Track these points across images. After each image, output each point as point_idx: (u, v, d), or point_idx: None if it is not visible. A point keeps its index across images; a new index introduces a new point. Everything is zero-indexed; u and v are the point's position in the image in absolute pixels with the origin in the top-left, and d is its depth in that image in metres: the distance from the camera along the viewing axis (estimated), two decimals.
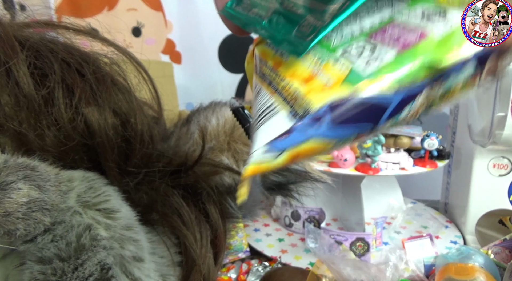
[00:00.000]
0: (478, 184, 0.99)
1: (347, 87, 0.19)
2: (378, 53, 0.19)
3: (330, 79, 0.20)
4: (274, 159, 0.19)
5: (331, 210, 1.09)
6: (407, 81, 0.19)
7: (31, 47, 0.29)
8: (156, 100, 0.36)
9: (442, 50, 0.19)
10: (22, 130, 0.27)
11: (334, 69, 0.20)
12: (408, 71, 0.19)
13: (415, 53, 0.19)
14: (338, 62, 0.20)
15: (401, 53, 0.19)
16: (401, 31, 0.20)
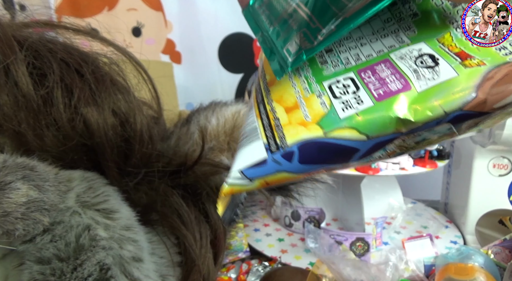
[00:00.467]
0: (478, 184, 0.99)
1: (320, 130, 0.20)
2: (359, 96, 0.20)
3: (309, 116, 0.21)
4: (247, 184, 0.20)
5: (331, 210, 1.09)
6: (379, 131, 0.19)
7: (30, 47, 0.29)
8: (155, 100, 0.36)
9: (417, 107, 0.19)
10: (21, 130, 0.27)
11: (315, 104, 0.21)
12: (381, 121, 0.19)
13: (392, 105, 0.19)
14: (321, 97, 0.21)
15: (379, 102, 0.19)
16: (389, 75, 0.20)
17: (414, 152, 0.20)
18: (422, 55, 0.20)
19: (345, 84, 0.21)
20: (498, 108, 0.18)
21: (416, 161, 0.95)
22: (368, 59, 0.22)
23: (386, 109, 0.19)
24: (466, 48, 0.20)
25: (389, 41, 0.22)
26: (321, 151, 0.20)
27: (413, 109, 0.19)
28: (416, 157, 0.96)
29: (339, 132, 0.19)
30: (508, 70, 0.18)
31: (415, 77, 0.20)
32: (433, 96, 0.19)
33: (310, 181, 0.38)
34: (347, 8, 0.20)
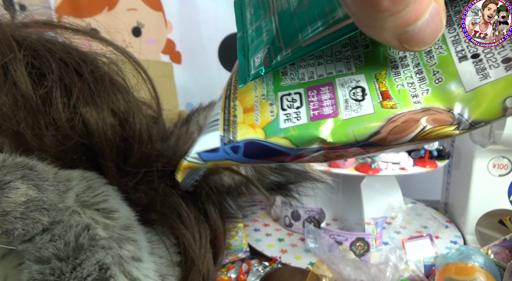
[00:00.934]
0: (478, 184, 0.99)
1: (264, 133, 0.24)
2: (300, 112, 0.24)
3: (259, 120, 0.24)
4: (201, 163, 0.25)
5: (331, 210, 1.09)
6: (306, 144, 0.23)
7: (28, 47, 0.29)
8: (155, 100, 0.36)
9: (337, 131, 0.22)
10: (20, 130, 0.27)
11: (266, 111, 0.25)
12: (309, 137, 0.23)
13: (319, 126, 0.23)
14: (272, 106, 0.25)
15: (312, 121, 0.23)
16: (327, 99, 0.24)
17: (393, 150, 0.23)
18: (357, 87, 0.23)
19: (294, 98, 0.24)
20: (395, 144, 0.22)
21: (416, 161, 0.95)
22: (319, 79, 0.24)
23: (314, 129, 0.23)
24: (390, 89, 0.23)
25: (340, 65, 0.24)
26: (260, 150, 0.24)
27: (333, 133, 0.22)
28: (416, 157, 0.96)
29: (276, 139, 0.23)
30: (408, 117, 0.21)
31: (344, 107, 0.23)
32: (351, 125, 0.22)
33: (310, 181, 0.38)
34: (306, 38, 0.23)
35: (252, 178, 0.34)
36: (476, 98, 0.21)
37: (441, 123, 0.21)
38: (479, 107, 0.21)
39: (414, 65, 0.23)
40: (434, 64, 0.22)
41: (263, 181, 0.35)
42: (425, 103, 0.22)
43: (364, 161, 0.90)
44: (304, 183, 0.37)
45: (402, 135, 0.21)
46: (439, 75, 0.22)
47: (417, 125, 0.21)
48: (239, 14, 0.29)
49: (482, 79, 0.21)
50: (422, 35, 0.19)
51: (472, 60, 0.22)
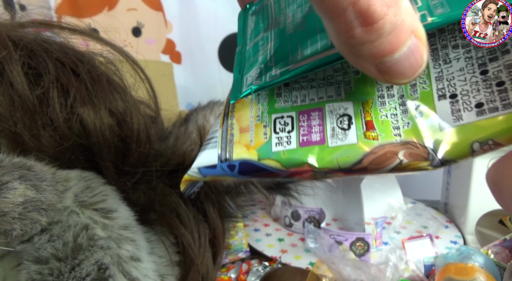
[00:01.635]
0: (478, 184, 0.99)
1: (257, 155, 0.25)
2: (290, 136, 0.25)
3: (253, 141, 0.26)
4: (201, 177, 0.27)
5: (331, 210, 1.09)
6: (295, 167, 0.24)
7: (25, 47, 0.29)
8: (153, 99, 0.36)
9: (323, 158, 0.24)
10: (17, 130, 0.27)
11: (260, 133, 0.26)
12: (297, 162, 0.24)
13: (308, 152, 0.24)
14: (266, 128, 0.26)
15: (301, 147, 0.24)
16: (316, 125, 0.25)
17: None
18: (344, 115, 0.24)
19: (286, 121, 0.26)
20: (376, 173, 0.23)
21: None
22: (310, 103, 0.26)
23: (303, 155, 0.24)
24: (374, 119, 0.23)
25: (331, 90, 0.25)
26: (253, 169, 0.25)
27: (319, 160, 0.24)
28: None
29: (268, 161, 0.25)
30: (387, 150, 0.22)
31: (331, 134, 0.24)
32: (335, 153, 0.23)
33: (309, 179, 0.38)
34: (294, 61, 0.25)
35: None
36: (448, 138, 0.22)
37: (416, 158, 0.22)
38: (450, 147, 0.22)
39: (399, 96, 0.24)
40: (416, 98, 0.23)
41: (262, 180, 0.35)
42: (405, 136, 0.23)
43: None
44: (303, 182, 0.37)
45: (381, 166, 0.22)
46: (420, 109, 0.23)
47: (395, 158, 0.22)
48: (242, 27, 0.31)
49: (455, 120, 0.22)
50: (400, 68, 0.20)
51: (450, 100, 0.22)
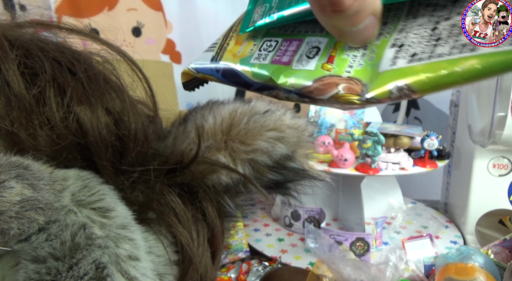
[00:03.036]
0: (478, 184, 0.99)
1: (238, 62, 0.30)
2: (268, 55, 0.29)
3: (241, 52, 0.31)
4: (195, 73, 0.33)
5: (331, 210, 1.09)
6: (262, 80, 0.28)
7: (21, 46, 0.29)
8: (151, 99, 0.36)
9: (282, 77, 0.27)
10: (13, 130, 0.27)
11: (248, 48, 0.31)
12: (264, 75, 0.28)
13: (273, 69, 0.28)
14: (254, 46, 0.31)
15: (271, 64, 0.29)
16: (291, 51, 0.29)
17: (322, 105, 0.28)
18: (315, 47, 0.28)
19: (271, 44, 0.30)
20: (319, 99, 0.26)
21: (416, 161, 0.95)
22: (297, 34, 0.29)
23: (269, 70, 0.28)
24: (337, 56, 0.27)
25: (316, 27, 0.29)
26: (231, 74, 0.30)
27: (279, 77, 0.27)
28: (416, 157, 0.96)
29: (244, 70, 0.29)
30: (333, 80, 0.26)
31: (297, 60, 0.28)
32: (293, 75, 0.27)
33: (309, 179, 0.37)
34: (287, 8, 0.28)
35: (250, 176, 0.34)
36: (378, 79, 0.24)
37: (351, 92, 0.25)
38: (376, 87, 0.24)
39: None
40: (376, 44, 0.26)
41: (261, 179, 0.35)
42: (353, 74, 0.26)
43: (364, 161, 0.90)
44: (302, 181, 0.37)
45: (322, 92, 0.26)
46: (374, 54, 0.26)
47: (334, 88, 0.25)
48: None
49: (391, 65, 0.24)
50: (355, 38, 0.25)
51: (396, 49, 0.25)
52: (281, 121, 0.35)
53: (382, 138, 0.85)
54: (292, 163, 0.36)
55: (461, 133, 1.08)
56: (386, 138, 0.88)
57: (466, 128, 1.01)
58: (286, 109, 0.36)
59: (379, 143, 0.86)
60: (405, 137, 0.93)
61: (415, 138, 0.95)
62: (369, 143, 0.86)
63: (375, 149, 0.86)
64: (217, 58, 0.32)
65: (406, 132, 0.94)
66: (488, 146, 0.92)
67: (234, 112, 0.35)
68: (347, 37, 0.25)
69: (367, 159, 0.89)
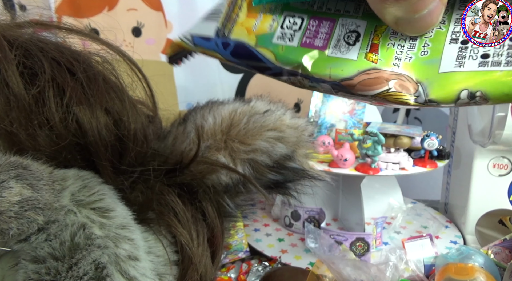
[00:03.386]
0: (478, 184, 0.99)
1: (255, 41, 0.26)
2: (295, 35, 0.25)
3: (257, 27, 0.26)
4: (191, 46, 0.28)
5: (331, 210, 1.09)
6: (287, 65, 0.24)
7: (20, 46, 0.29)
8: (150, 99, 0.36)
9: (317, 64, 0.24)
10: (13, 130, 0.27)
11: (266, 23, 0.26)
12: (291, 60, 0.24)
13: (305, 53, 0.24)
14: (273, 21, 0.26)
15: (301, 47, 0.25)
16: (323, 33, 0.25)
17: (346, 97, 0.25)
18: (354, 31, 0.25)
19: (295, 21, 0.26)
20: (360, 94, 0.23)
21: (416, 161, 0.95)
22: (326, 12, 0.26)
23: (299, 54, 0.24)
24: (381, 44, 0.24)
25: (350, 6, 0.26)
26: (246, 53, 0.26)
27: (314, 64, 0.24)
28: (416, 157, 0.96)
29: (264, 50, 0.25)
30: (381, 75, 0.23)
31: (334, 45, 0.24)
32: (331, 63, 0.24)
33: (309, 179, 0.37)
34: None
35: (249, 176, 0.34)
36: (442, 81, 0.22)
37: (404, 90, 0.22)
38: (440, 89, 0.22)
39: None
40: (429, 36, 0.23)
41: (260, 179, 0.35)
42: (403, 68, 0.23)
43: (364, 161, 0.90)
44: (302, 181, 0.37)
45: (369, 88, 0.23)
46: (427, 48, 0.23)
47: (384, 85, 0.23)
48: None
49: (457, 66, 0.22)
50: (416, 26, 0.22)
51: (460, 45, 0.22)
52: (281, 121, 0.35)
53: (382, 138, 0.85)
54: (292, 163, 0.35)
55: (461, 133, 1.08)
56: (386, 138, 0.88)
57: (466, 128, 1.01)
58: (286, 109, 0.36)
59: (379, 143, 0.86)
60: (405, 137, 0.93)
61: (415, 138, 0.95)
62: (369, 143, 0.86)
63: (375, 149, 0.86)
64: (225, 31, 0.27)
65: (406, 132, 0.94)
66: (488, 146, 0.92)
67: (234, 112, 0.35)
68: (405, 25, 0.21)
69: (367, 159, 0.89)
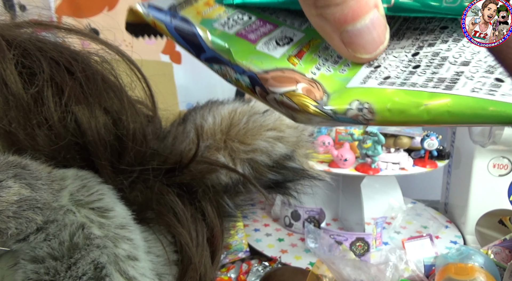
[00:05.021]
0: (478, 184, 0.99)
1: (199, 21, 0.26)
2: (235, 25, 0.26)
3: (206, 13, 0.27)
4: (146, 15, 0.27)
5: (331, 210, 1.09)
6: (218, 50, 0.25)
7: (18, 46, 0.29)
8: (149, 98, 0.36)
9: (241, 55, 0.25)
10: (12, 130, 0.27)
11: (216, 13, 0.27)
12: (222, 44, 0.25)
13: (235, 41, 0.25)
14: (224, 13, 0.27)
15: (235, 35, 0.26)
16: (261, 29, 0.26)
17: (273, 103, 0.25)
18: (288, 38, 0.26)
19: (243, 17, 0.27)
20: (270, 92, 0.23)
21: (416, 161, 0.95)
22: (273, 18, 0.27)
23: (230, 42, 0.25)
24: (307, 53, 0.25)
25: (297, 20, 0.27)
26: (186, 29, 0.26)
27: (239, 53, 0.25)
28: (416, 157, 0.96)
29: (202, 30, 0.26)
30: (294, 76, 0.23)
31: (264, 42, 0.25)
32: (255, 55, 0.25)
33: (308, 179, 0.37)
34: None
35: (249, 176, 0.34)
36: (343, 93, 0.23)
37: (309, 95, 0.23)
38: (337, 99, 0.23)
39: None
40: None
41: (260, 179, 0.35)
42: (318, 77, 0.24)
43: (364, 161, 0.90)
44: (302, 181, 0.37)
45: (279, 85, 0.23)
46: (346, 68, 0.24)
47: (293, 85, 0.23)
48: None
49: (361, 83, 0.23)
50: (363, 40, 0.21)
51: (372, 69, 0.23)
52: (280, 120, 0.35)
53: (382, 138, 0.85)
54: (291, 163, 0.35)
55: (461, 133, 1.08)
56: (386, 138, 0.88)
57: (466, 128, 1.01)
58: None
59: (379, 143, 0.86)
60: (405, 137, 0.93)
61: (415, 138, 0.95)
62: (369, 143, 0.86)
63: (375, 149, 0.86)
64: (178, 7, 0.28)
65: (406, 132, 0.94)
66: (488, 146, 0.92)
67: (233, 112, 0.35)
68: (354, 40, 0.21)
69: (367, 159, 0.89)
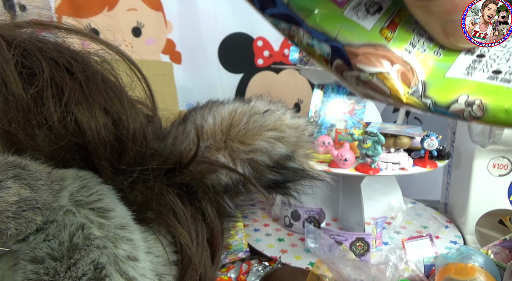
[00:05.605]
0: (478, 184, 0.98)
1: None
2: None
3: None
4: None
5: (331, 210, 1.09)
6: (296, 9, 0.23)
7: (18, 46, 0.29)
8: (149, 99, 0.36)
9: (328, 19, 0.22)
10: (11, 130, 0.27)
11: None
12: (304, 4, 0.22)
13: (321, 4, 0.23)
14: None
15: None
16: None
17: None
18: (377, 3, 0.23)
19: None
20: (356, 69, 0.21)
21: (416, 161, 0.95)
22: None
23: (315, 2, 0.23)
24: (400, 25, 0.22)
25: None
26: None
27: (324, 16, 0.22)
28: (416, 157, 0.96)
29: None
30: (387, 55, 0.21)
31: (353, 7, 0.23)
32: (343, 24, 0.22)
33: (309, 179, 0.37)
34: None
35: (249, 176, 0.34)
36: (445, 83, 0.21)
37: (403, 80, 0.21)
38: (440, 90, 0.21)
39: None
40: None
41: (260, 179, 0.35)
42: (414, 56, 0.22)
43: (364, 161, 0.90)
44: (302, 181, 0.37)
45: (368, 63, 0.21)
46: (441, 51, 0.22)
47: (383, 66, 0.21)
48: None
49: (465, 74, 0.21)
50: None
51: (474, 58, 0.22)
52: (281, 121, 0.35)
53: (382, 138, 0.85)
54: (292, 163, 0.35)
55: (461, 133, 1.08)
56: (386, 138, 0.88)
57: (466, 128, 1.01)
58: (286, 109, 0.36)
59: (379, 143, 0.86)
60: (405, 137, 0.93)
61: (415, 138, 0.95)
62: (369, 143, 0.86)
63: (375, 149, 0.86)
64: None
65: (406, 132, 0.94)
66: (488, 146, 0.92)
67: (233, 112, 0.35)
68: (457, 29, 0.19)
69: (367, 159, 0.89)
